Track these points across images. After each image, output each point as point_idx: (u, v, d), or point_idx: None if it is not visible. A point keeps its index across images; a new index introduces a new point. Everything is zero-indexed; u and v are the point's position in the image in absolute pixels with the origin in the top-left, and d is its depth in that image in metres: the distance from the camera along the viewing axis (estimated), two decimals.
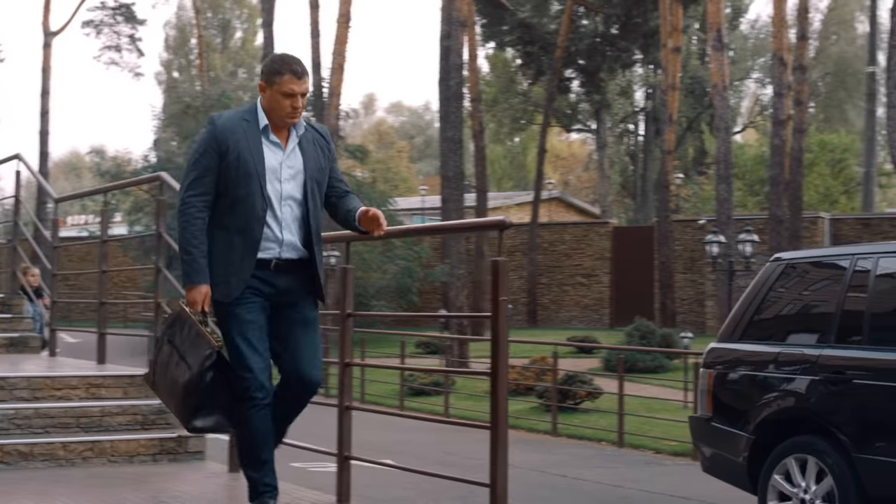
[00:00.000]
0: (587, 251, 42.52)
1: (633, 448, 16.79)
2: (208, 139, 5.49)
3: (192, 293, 5.45)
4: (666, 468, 14.89)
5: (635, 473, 14.08)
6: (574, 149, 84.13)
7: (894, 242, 10.81)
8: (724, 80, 27.68)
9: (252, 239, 5.46)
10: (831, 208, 44.19)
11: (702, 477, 13.82)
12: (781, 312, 9.04)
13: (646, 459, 15.77)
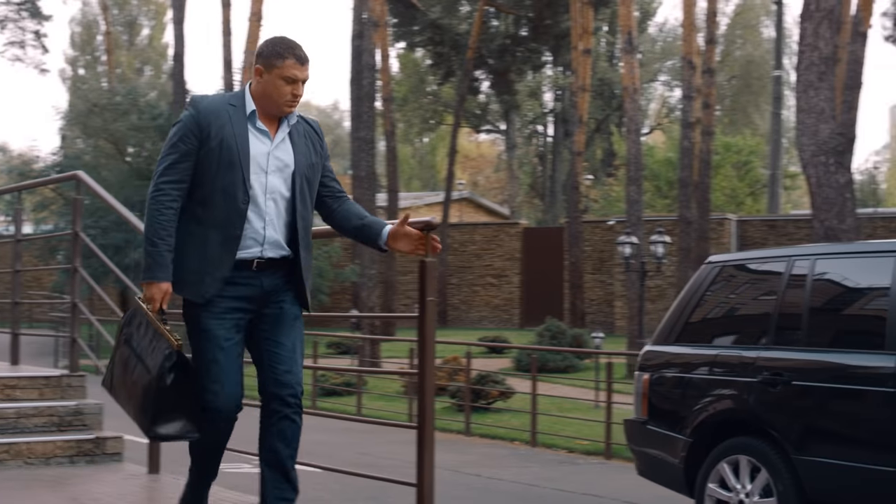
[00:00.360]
0: (497, 252, 42.67)
1: (547, 447, 16.88)
2: (189, 121, 5.04)
3: (151, 289, 5.01)
4: (579, 467, 15.00)
5: (549, 472, 14.16)
6: (483, 149, 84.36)
7: (832, 244, 10.97)
8: (635, 82, 27.96)
9: (232, 235, 5.03)
10: (737, 210, 44.74)
11: (615, 475, 14.02)
12: (718, 314, 9.06)
13: (559, 458, 15.87)
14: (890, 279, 7.59)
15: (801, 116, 15.38)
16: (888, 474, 7.22)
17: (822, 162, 14.99)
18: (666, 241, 19.48)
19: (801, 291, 8.18)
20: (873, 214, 38.41)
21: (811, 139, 15.09)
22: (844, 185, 15.01)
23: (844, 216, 14.91)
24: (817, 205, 15.12)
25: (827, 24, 15.25)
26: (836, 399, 7.70)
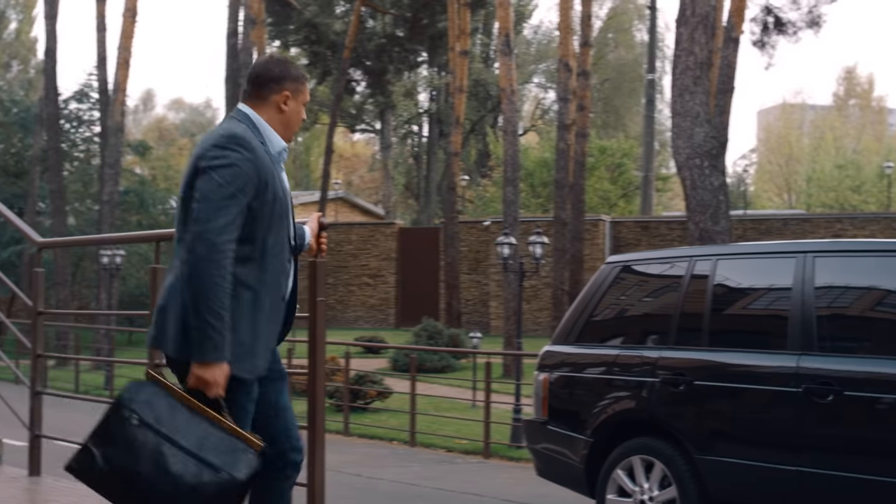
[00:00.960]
0: (373, 252, 42.65)
1: (426, 447, 16.93)
2: (248, 168, 4.33)
3: (214, 372, 4.25)
4: (458, 466, 15.06)
5: (429, 471, 14.19)
6: (358, 149, 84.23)
7: (732, 244, 11.12)
8: (512, 84, 28.16)
9: (279, 297, 4.52)
10: (610, 211, 45.30)
11: (493, 474, 14.11)
12: (618, 314, 9.08)
13: (438, 458, 15.92)
14: (791, 280, 7.74)
15: (676, 120, 15.63)
16: (789, 473, 7.37)
17: (697, 165, 15.27)
18: (544, 241, 19.63)
19: (703, 291, 8.26)
20: (743, 216, 39.20)
21: (686, 142, 15.35)
22: (718, 187, 15.29)
23: (718, 218, 15.20)
24: (692, 207, 15.38)
25: (702, 30, 15.54)
26: (738, 399, 7.80)
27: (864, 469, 7.08)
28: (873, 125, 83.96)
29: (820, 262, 7.70)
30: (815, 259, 7.74)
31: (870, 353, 7.47)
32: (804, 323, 7.53)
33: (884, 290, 7.57)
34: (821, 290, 7.61)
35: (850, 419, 7.27)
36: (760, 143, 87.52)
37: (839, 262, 7.80)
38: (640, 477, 8.28)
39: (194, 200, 4.28)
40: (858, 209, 53.21)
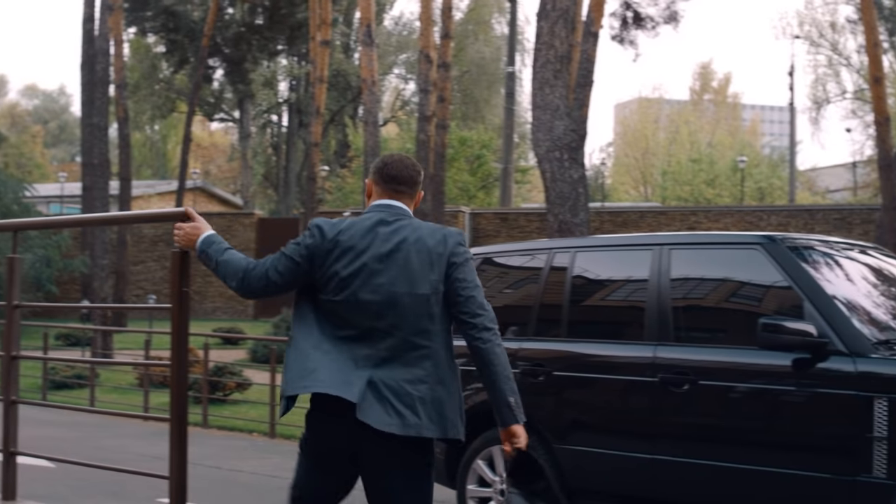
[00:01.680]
0: (232, 242, 41.75)
1: (286, 438, 16.84)
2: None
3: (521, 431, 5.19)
4: None
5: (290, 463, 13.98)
6: (216, 138, 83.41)
7: (591, 237, 11.27)
8: (373, 74, 28.13)
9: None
10: (470, 203, 45.56)
11: None
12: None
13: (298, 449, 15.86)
14: (648, 272, 7.88)
15: (536, 113, 15.79)
16: (645, 461, 7.51)
17: (557, 157, 15.44)
18: None
19: (562, 283, 8.38)
20: (601, 209, 39.76)
21: (546, 135, 15.52)
22: (578, 179, 15.49)
23: (577, 210, 15.40)
24: (552, 199, 15.56)
25: (562, 24, 15.72)
26: (596, 389, 7.94)
27: (718, 456, 7.26)
28: (727, 120, 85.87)
29: (675, 255, 7.87)
30: (670, 251, 7.89)
31: (724, 343, 7.66)
32: (660, 314, 7.68)
33: (736, 281, 7.76)
34: (676, 282, 7.78)
35: (704, 408, 7.45)
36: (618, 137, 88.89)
37: (693, 254, 7.98)
38: (500, 467, 8.36)
39: (470, 289, 4.99)
40: (713, 202, 54.34)
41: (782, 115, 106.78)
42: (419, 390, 4.84)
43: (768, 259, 7.45)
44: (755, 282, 7.57)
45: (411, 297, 4.84)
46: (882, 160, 28.57)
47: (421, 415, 4.81)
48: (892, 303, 7.89)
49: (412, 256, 4.87)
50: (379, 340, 4.84)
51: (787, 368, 7.01)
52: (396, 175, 5.10)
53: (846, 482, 6.71)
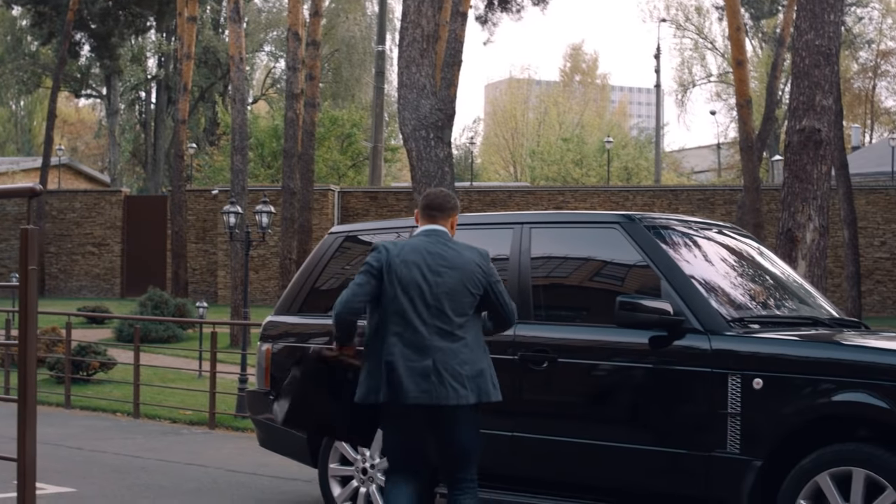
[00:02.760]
0: (98, 220, 41.57)
1: (150, 418, 16.66)
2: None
3: None
4: (183, 437, 14.90)
5: (153, 443, 14.00)
6: (83, 114, 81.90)
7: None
8: (241, 51, 27.85)
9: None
10: (340, 181, 45.44)
11: (219, 444, 14.02)
12: (341, 285, 8.88)
13: (163, 429, 15.70)
14: (509, 250, 7.94)
15: (402, 92, 15.78)
16: (504, 438, 7.61)
17: (423, 136, 15.45)
18: (270, 210, 19.55)
19: None
20: (469, 188, 39.97)
21: (413, 114, 15.51)
22: (444, 158, 15.52)
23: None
24: (417, 178, 15.57)
25: (429, 3, 15.72)
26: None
27: (578, 433, 7.36)
28: (596, 102, 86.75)
29: (536, 233, 7.94)
30: (531, 230, 7.96)
31: (583, 321, 7.76)
32: (521, 292, 7.74)
33: (596, 260, 7.86)
34: (537, 261, 7.86)
35: (563, 385, 7.54)
36: (488, 117, 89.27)
37: (554, 232, 8.06)
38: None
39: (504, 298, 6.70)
40: (580, 182, 54.90)
41: (650, 97, 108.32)
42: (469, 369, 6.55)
43: (626, 238, 7.54)
44: (614, 260, 7.68)
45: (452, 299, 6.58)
46: (744, 142, 29.19)
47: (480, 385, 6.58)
48: (746, 282, 8.08)
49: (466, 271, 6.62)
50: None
51: (645, 346, 7.13)
52: (429, 203, 6.77)
53: (702, 457, 6.85)
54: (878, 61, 71.50)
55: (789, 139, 12.14)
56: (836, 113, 26.62)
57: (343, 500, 8.48)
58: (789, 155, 12.11)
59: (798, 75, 12.20)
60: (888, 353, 6.69)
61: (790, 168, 12.08)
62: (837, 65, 12.51)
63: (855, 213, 26.31)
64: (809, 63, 12.10)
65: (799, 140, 12.04)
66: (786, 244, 12.01)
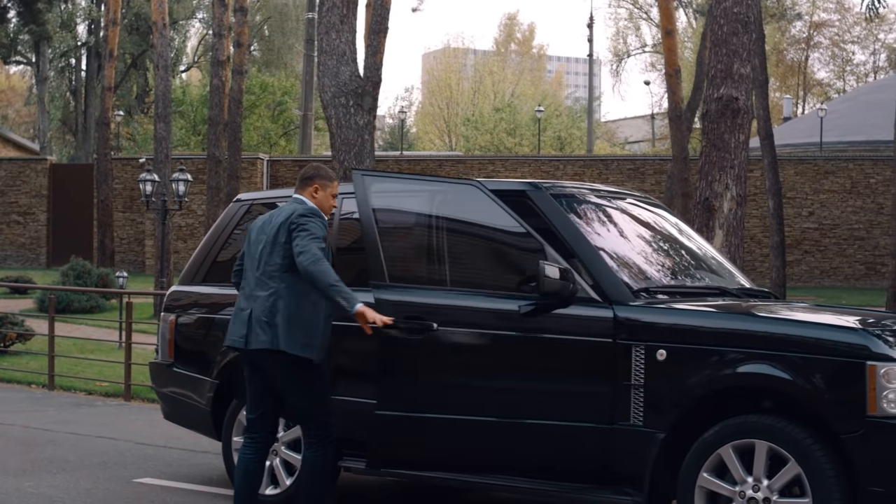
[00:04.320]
0: (23, 188, 40.99)
1: (65, 390, 16.36)
2: (325, 227, 7.23)
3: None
4: (97, 409, 14.66)
5: (65, 415, 13.75)
6: (14, 81, 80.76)
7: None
8: (164, 17, 27.40)
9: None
10: (271, 150, 45.09)
11: (132, 416, 13.80)
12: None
13: (77, 401, 15.43)
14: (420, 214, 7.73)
15: (322, 58, 15.52)
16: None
17: (343, 104, 15.21)
18: (187, 178, 19.29)
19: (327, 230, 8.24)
20: (400, 157, 39.81)
21: (332, 81, 15.26)
22: (364, 126, 15.30)
23: (363, 157, 15.22)
24: (337, 146, 15.34)
25: None
26: (361, 338, 7.54)
27: (476, 409, 7.18)
28: (532, 71, 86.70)
29: (443, 199, 7.74)
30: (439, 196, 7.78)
31: (484, 289, 7.48)
32: (429, 258, 7.61)
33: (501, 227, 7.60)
34: (442, 225, 7.64)
35: (460, 357, 7.35)
36: (424, 86, 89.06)
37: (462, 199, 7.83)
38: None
39: (300, 242, 7.07)
40: (514, 151, 54.85)
41: (586, 67, 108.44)
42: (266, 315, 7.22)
43: (533, 206, 7.40)
44: (520, 229, 7.48)
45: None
46: (672, 112, 29.22)
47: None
48: (655, 251, 7.96)
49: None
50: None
51: (549, 316, 6.97)
52: (299, 176, 7.54)
53: (604, 430, 6.74)
54: (811, 33, 72.01)
55: (707, 107, 12.04)
56: (762, 83, 26.88)
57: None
58: (707, 123, 12.01)
59: (716, 43, 12.08)
60: (791, 324, 6.62)
61: (708, 137, 11.98)
62: (756, 33, 12.45)
63: (780, 182, 26.39)
64: (727, 31, 11.98)
65: (717, 108, 11.93)
66: (703, 213, 11.92)
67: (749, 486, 6.29)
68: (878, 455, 6.02)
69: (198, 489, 9.22)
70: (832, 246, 35.81)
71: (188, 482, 9.49)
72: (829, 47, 73.55)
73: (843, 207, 35.85)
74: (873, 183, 35.80)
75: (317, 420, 7.17)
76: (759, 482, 6.27)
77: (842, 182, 35.93)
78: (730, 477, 6.38)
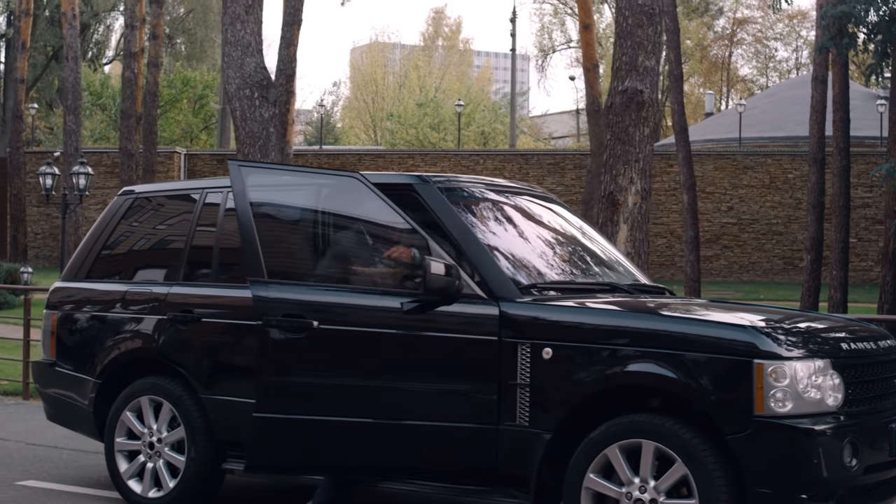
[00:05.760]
0: None
1: None
2: None
3: None
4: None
5: None
6: None
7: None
8: (74, 8, 26.91)
9: None
10: (192, 144, 44.62)
11: (27, 416, 13.41)
12: (132, 248, 8.65)
13: None
14: (305, 208, 7.48)
15: (227, 49, 15.26)
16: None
17: (248, 95, 14.95)
18: (88, 172, 18.91)
19: (214, 225, 7.97)
20: (319, 151, 39.50)
21: (237, 72, 15.00)
22: (269, 119, 15.05)
23: (268, 150, 14.98)
24: (241, 139, 15.10)
25: None
26: (243, 336, 7.52)
27: (361, 410, 6.91)
28: (458, 66, 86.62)
29: (328, 192, 7.49)
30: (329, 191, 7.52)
31: (370, 286, 7.20)
32: (305, 253, 7.37)
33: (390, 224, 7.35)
34: (328, 219, 7.41)
35: (339, 357, 7.05)
36: (351, 81, 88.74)
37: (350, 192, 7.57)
38: (149, 418, 7.94)
39: None
40: (438, 146, 54.71)
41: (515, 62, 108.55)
42: None
43: (420, 200, 7.16)
44: (404, 224, 7.19)
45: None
46: (591, 106, 29.20)
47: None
48: (546, 247, 7.73)
49: None
50: None
51: (433, 314, 6.73)
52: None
53: (490, 431, 6.51)
54: (735, 29, 72.55)
55: (611, 100, 11.90)
56: (677, 77, 26.89)
57: (129, 475, 8.07)
58: (611, 117, 11.88)
59: (621, 35, 11.96)
60: (679, 321, 6.44)
61: (612, 130, 11.85)
62: (672, 27, 12.34)
63: (694, 177, 26.42)
64: (632, 23, 11.85)
65: (621, 101, 11.80)
66: (608, 208, 11.79)
67: (636, 486, 6.10)
68: (764, 456, 5.84)
69: (82, 492, 8.90)
70: (751, 241, 36.00)
71: (74, 485, 9.16)
72: (752, 44, 74.16)
73: (761, 202, 36.06)
74: (791, 178, 36.04)
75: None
76: (645, 483, 6.09)
77: (760, 177, 36.15)
78: (616, 478, 6.19)
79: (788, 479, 5.82)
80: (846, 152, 25.55)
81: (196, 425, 7.70)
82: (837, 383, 6.01)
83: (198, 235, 8.09)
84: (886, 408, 6.37)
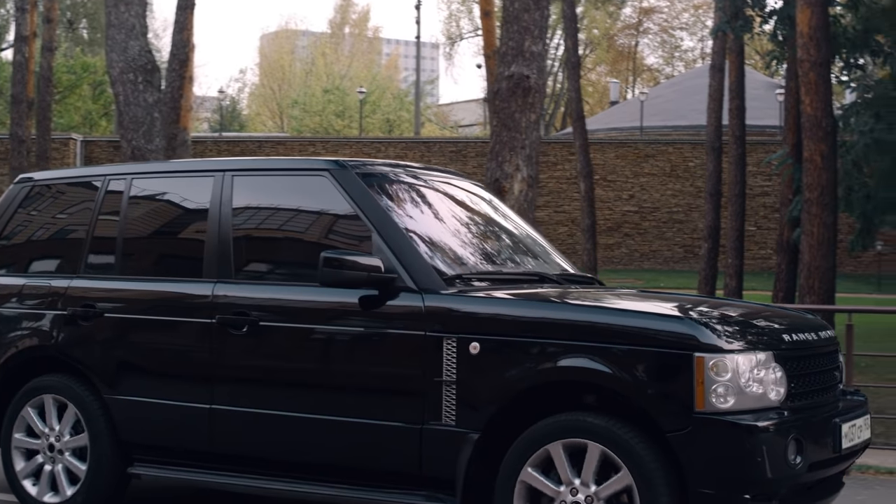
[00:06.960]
0: None
1: None
2: None
3: None
4: None
5: None
6: None
7: (150, 163, 10.39)
8: None
9: None
10: (92, 131, 43.92)
11: None
12: (29, 239, 8.12)
13: None
14: (209, 201, 7.14)
15: (110, 32, 14.88)
16: (202, 411, 6.86)
17: (131, 80, 14.59)
18: None
19: (117, 214, 7.56)
20: (218, 139, 39.10)
21: (120, 56, 14.63)
22: (153, 104, 14.70)
23: (152, 136, 14.64)
24: (125, 124, 14.74)
25: None
26: (150, 332, 7.18)
27: (283, 405, 6.63)
28: (366, 54, 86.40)
29: (239, 182, 7.16)
30: (233, 178, 7.17)
31: (291, 280, 6.86)
32: (221, 248, 6.98)
33: (304, 211, 7.00)
34: (239, 212, 7.03)
35: (267, 352, 6.76)
36: (259, 68, 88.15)
37: (259, 181, 7.23)
38: (51, 418, 7.48)
39: None
40: (342, 133, 54.41)
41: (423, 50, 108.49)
42: None
43: (336, 187, 6.75)
44: (323, 212, 6.88)
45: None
46: (491, 93, 29.03)
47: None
48: (471, 235, 7.38)
49: None
50: None
51: (354, 307, 6.37)
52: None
53: (414, 430, 6.18)
54: (641, 18, 73.01)
55: (498, 86, 11.76)
56: (574, 64, 26.88)
57: (25, 475, 7.59)
58: (498, 102, 11.74)
59: (508, 19, 11.81)
60: (612, 313, 6.14)
61: (498, 116, 11.71)
62: (567, 14, 12.21)
63: (591, 165, 26.44)
64: (519, 7, 11.71)
65: (507, 87, 11.66)
66: (494, 195, 11.66)
67: (575, 488, 5.77)
68: (706, 454, 5.54)
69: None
70: (652, 229, 36.19)
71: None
72: (658, 33, 74.67)
73: (662, 191, 36.27)
74: (692, 166, 36.27)
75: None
76: (586, 486, 5.76)
77: (661, 165, 36.35)
78: (555, 475, 5.85)
79: (731, 477, 5.54)
80: (742, 140, 25.70)
81: (100, 427, 7.28)
82: (780, 377, 5.75)
83: (100, 225, 7.62)
84: (828, 401, 6.16)
